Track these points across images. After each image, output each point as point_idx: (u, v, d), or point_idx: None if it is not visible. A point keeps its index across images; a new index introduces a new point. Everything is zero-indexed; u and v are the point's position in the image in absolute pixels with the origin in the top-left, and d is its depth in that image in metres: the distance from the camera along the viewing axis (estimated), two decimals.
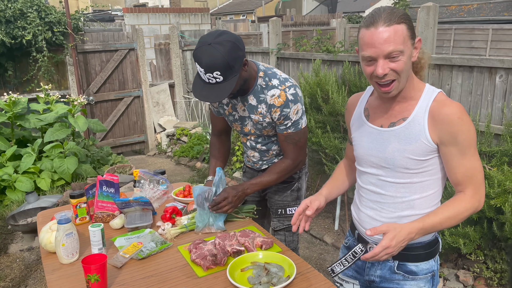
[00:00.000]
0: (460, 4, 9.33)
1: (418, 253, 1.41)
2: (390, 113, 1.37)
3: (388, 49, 1.21)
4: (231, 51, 1.65)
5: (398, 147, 1.33)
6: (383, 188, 1.41)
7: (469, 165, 1.29)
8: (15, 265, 3.21)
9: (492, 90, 3.20)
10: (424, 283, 1.43)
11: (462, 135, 1.26)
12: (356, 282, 1.57)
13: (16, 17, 5.19)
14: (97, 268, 1.42)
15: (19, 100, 4.55)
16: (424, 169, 1.34)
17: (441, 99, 1.30)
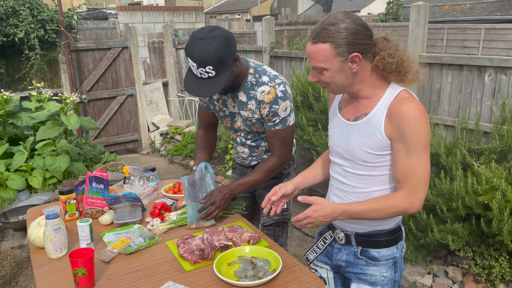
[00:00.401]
0: (453, 4, 9.39)
1: (379, 240, 1.48)
2: (356, 108, 1.44)
3: (312, 64, 1.34)
4: (223, 46, 1.66)
5: (358, 141, 1.40)
6: (346, 178, 1.49)
7: (411, 165, 1.31)
8: (6, 262, 3.21)
9: (481, 88, 3.24)
10: (386, 269, 1.49)
11: (410, 134, 1.29)
12: (328, 267, 1.66)
13: (8, 14, 5.17)
14: (84, 262, 1.43)
15: (11, 98, 4.53)
16: (382, 163, 1.39)
17: (403, 96, 1.34)
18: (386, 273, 1.50)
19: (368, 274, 1.51)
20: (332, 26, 1.28)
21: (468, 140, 3.10)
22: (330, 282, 1.66)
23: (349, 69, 1.32)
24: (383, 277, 1.50)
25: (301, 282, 1.49)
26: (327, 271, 1.66)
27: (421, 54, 3.56)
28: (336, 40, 1.27)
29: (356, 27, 1.28)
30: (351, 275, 1.56)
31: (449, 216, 2.90)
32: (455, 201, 2.82)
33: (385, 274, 1.50)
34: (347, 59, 1.30)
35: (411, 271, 3.17)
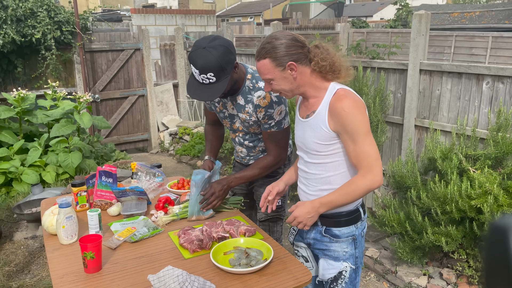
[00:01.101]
0: (462, 11, 9.43)
1: (339, 220, 1.71)
2: (307, 107, 1.69)
3: (262, 77, 1.63)
4: (223, 54, 1.81)
5: (310, 134, 1.65)
6: (307, 168, 1.72)
7: (359, 150, 1.55)
8: (20, 251, 3.38)
9: (479, 96, 3.33)
10: (346, 245, 1.72)
11: (349, 125, 1.53)
12: (305, 246, 1.86)
13: (27, 16, 5.39)
14: (93, 247, 1.58)
15: (27, 96, 4.73)
16: (331, 152, 1.63)
17: (339, 94, 1.57)
18: (346, 248, 1.72)
19: (331, 250, 1.73)
20: (268, 44, 1.57)
21: (465, 146, 3.19)
22: (311, 259, 1.86)
23: (290, 76, 1.58)
24: (344, 252, 1.72)
25: (290, 271, 1.61)
26: (306, 250, 1.86)
27: (422, 62, 3.66)
28: (272, 55, 1.56)
29: (287, 41, 1.56)
30: (319, 252, 1.77)
31: (443, 219, 2.99)
32: (449, 204, 2.91)
33: (346, 249, 1.72)
34: (285, 68, 1.57)
35: (407, 272, 3.27)
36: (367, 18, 20.24)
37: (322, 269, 1.76)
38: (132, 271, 1.62)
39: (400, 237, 3.38)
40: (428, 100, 3.71)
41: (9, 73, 5.70)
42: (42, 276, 3.07)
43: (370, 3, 28.17)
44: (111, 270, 1.63)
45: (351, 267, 1.73)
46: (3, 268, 3.15)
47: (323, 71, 1.59)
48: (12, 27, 5.24)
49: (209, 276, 1.58)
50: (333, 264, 1.73)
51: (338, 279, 1.73)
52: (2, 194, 4.29)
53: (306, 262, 1.87)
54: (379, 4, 26.67)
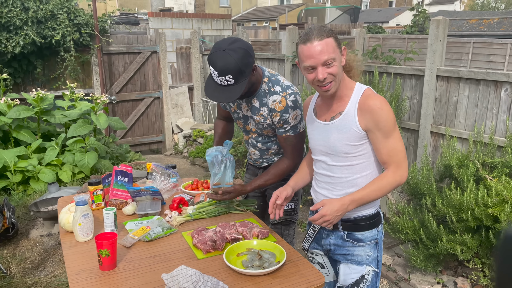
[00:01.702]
0: (480, 18, 9.31)
1: (362, 224, 1.70)
2: (330, 109, 1.68)
3: (324, 58, 1.52)
4: (243, 57, 1.82)
5: (337, 136, 1.63)
6: (331, 171, 1.70)
7: (390, 147, 1.58)
8: (35, 248, 3.44)
9: (497, 103, 3.28)
10: (369, 249, 1.72)
11: (383, 121, 1.55)
12: (322, 252, 1.85)
13: (47, 18, 5.50)
14: (108, 244, 1.60)
15: (46, 97, 4.82)
16: (360, 152, 1.63)
17: (368, 93, 1.60)
18: (370, 252, 1.72)
19: (354, 254, 1.72)
20: (324, 27, 1.56)
21: (482, 153, 3.14)
22: (327, 265, 1.86)
23: (340, 61, 1.58)
24: (367, 256, 1.71)
25: (302, 274, 1.61)
26: (322, 257, 1.86)
27: (439, 68, 3.62)
28: (334, 35, 1.56)
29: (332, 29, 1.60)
30: (340, 257, 1.75)
31: (458, 227, 2.95)
32: (465, 212, 2.87)
33: (369, 253, 1.72)
34: (341, 51, 1.58)
35: (421, 280, 3.23)
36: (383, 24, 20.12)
37: (343, 274, 1.74)
38: (146, 270, 1.64)
39: (414, 244, 3.34)
40: (445, 106, 3.67)
41: (29, 74, 5.82)
42: (56, 274, 3.11)
43: (386, 9, 28.03)
44: (125, 268, 1.65)
45: (373, 271, 1.73)
46: (19, 265, 3.21)
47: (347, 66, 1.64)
48: (32, 28, 5.36)
49: (222, 276, 1.58)
50: (355, 268, 1.72)
51: (360, 283, 1.72)
52: (20, 192, 4.37)
53: (322, 268, 1.86)
54: (395, 10, 26.52)
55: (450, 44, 7.61)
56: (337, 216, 1.59)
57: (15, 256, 3.32)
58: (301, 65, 1.59)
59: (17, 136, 4.62)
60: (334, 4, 27.52)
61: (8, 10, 5.15)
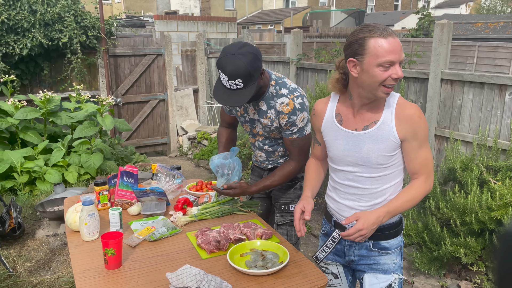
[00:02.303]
0: (486, 22, 9.29)
1: (388, 232, 1.66)
2: (362, 118, 1.59)
3: (403, 56, 1.46)
4: (252, 61, 1.84)
5: (372, 147, 1.56)
6: (360, 182, 1.63)
7: (424, 156, 1.56)
8: (41, 248, 3.48)
9: (501, 106, 3.29)
10: (395, 256, 1.69)
11: (420, 131, 1.53)
12: (338, 264, 1.80)
13: (54, 20, 5.57)
14: (114, 243, 1.62)
15: (52, 98, 4.88)
16: (392, 162, 1.59)
17: (402, 102, 1.56)
18: (395, 259, 1.69)
19: (381, 263, 1.68)
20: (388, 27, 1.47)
21: (487, 157, 3.15)
22: (341, 276, 1.82)
23: None
24: (393, 263, 1.68)
25: (305, 275, 1.63)
26: (337, 267, 1.81)
27: (443, 71, 3.63)
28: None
29: None
30: (365, 267, 1.71)
31: (462, 230, 2.95)
32: (468, 215, 2.88)
33: (395, 260, 1.69)
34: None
35: (424, 283, 3.23)
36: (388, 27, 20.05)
37: (369, 285, 1.69)
38: (151, 269, 1.66)
39: (418, 247, 3.35)
40: (449, 109, 3.67)
41: (36, 76, 5.88)
42: (62, 273, 3.14)
43: (392, 12, 28.01)
44: (130, 267, 1.67)
45: (399, 278, 1.69)
46: (25, 264, 3.24)
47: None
48: (40, 31, 5.42)
49: (225, 276, 1.60)
50: (383, 277, 1.68)
51: None
52: (26, 193, 4.41)
53: (336, 278, 1.82)
54: (400, 13, 26.49)
55: (455, 48, 7.61)
56: (372, 230, 1.53)
57: (21, 255, 3.35)
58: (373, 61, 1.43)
59: (24, 137, 4.67)
60: (339, 7, 27.54)
61: (16, 13, 5.22)
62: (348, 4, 29.96)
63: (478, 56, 7.38)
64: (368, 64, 1.44)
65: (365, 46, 1.44)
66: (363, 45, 1.45)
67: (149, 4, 23.84)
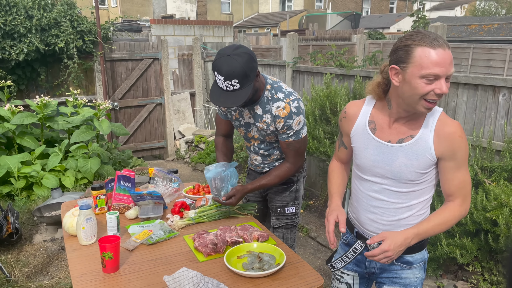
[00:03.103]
0: (480, 24, 9.38)
1: (413, 246, 1.53)
2: (398, 130, 1.50)
3: (452, 70, 1.34)
4: (248, 62, 1.86)
5: (405, 162, 1.47)
6: (386, 195, 1.55)
7: (461, 178, 1.47)
8: (39, 253, 3.48)
9: (495, 108, 3.32)
10: (418, 271, 1.63)
11: (460, 151, 1.44)
12: (356, 274, 1.75)
13: (51, 25, 5.58)
14: (111, 247, 1.63)
15: (49, 103, 4.88)
16: (424, 179, 1.50)
17: (444, 118, 1.46)
18: (418, 274, 1.62)
19: (403, 277, 1.61)
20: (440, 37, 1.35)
21: (481, 157, 3.17)
22: (355, 287, 1.76)
23: None
24: (416, 278, 1.62)
25: (302, 276, 1.64)
26: (353, 277, 1.75)
27: None
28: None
29: None
30: (385, 280, 1.65)
31: (458, 231, 2.97)
32: None
33: (418, 275, 1.62)
34: None
35: None
36: (384, 29, 20.20)
37: None
38: (148, 272, 1.67)
39: None
40: (444, 111, 3.70)
41: (33, 81, 5.89)
42: (59, 278, 3.15)
43: (387, 15, 28.15)
44: (128, 270, 1.69)
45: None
46: (23, 269, 3.24)
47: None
48: (36, 36, 5.43)
49: (222, 278, 1.61)
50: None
51: None
52: (23, 198, 4.41)
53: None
54: (396, 16, 26.63)
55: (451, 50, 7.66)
56: (399, 252, 1.44)
57: (19, 260, 3.35)
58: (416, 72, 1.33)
59: (20, 142, 4.67)
60: (335, 11, 27.67)
61: (12, 18, 5.23)
62: (344, 7, 30.10)
63: (473, 58, 7.44)
64: (411, 74, 1.34)
65: (410, 54, 1.34)
66: (408, 53, 1.34)
67: (146, 8, 23.88)
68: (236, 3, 27.94)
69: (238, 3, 28.04)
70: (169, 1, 22.86)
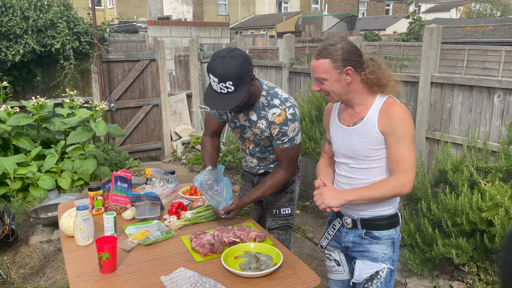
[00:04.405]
0: (475, 26, 9.43)
1: (381, 223, 1.78)
2: (352, 115, 1.77)
3: (315, 76, 1.69)
4: (243, 64, 1.85)
5: (359, 140, 1.73)
6: (352, 173, 1.79)
7: (400, 153, 1.64)
8: (35, 255, 3.46)
9: (490, 109, 3.34)
10: (385, 247, 1.79)
11: (398, 128, 1.63)
12: (338, 250, 1.93)
13: (47, 27, 5.57)
14: (109, 248, 1.64)
15: (45, 104, 4.87)
16: (379, 156, 1.71)
17: (390, 101, 1.70)
18: (386, 250, 1.78)
19: (371, 251, 1.78)
20: (332, 46, 1.65)
21: (477, 158, 3.19)
22: (343, 263, 1.93)
23: (344, 80, 1.67)
24: (383, 253, 1.78)
25: (299, 276, 1.65)
26: (339, 254, 1.92)
27: (433, 74, 3.68)
28: (334, 57, 1.64)
29: (350, 48, 1.66)
30: (357, 254, 1.82)
31: (453, 231, 2.99)
32: (459, 216, 2.91)
33: (385, 251, 1.78)
34: (342, 72, 1.65)
35: (417, 284, 3.26)
36: (379, 31, 20.27)
37: (358, 270, 1.80)
38: (146, 273, 1.67)
39: (410, 248, 3.38)
40: (439, 112, 3.73)
41: (29, 82, 5.87)
42: (56, 279, 3.14)
43: (383, 17, 28.26)
44: (125, 271, 1.69)
45: (388, 268, 1.78)
46: (19, 271, 3.23)
47: (369, 83, 1.70)
48: (32, 37, 5.42)
49: (220, 279, 1.62)
50: (371, 264, 1.78)
51: (374, 279, 1.77)
52: (19, 199, 4.39)
53: (338, 266, 1.93)
54: (392, 17, 26.74)
55: (446, 51, 7.70)
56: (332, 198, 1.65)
57: (15, 262, 3.34)
58: None
59: (16, 143, 4.66)
60: (331, 12, 27.75)
61: (8, 19, 5.21)
62: (340, 9, 30.18)
63: (468, 60, 7.48)
64: None
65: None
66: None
67: (142, 9, 23.86)
68: (232, 4, 27.96)
69: (234, 5, 28.06)
70: (165, 2, 22.86)
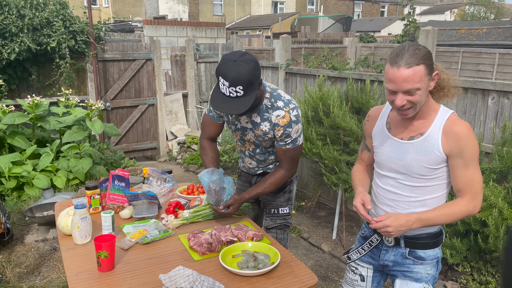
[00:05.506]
0: (470, 28, 9.52)
1: (426, 242, 1.67)
2: (409, 128, 1.64)
3: (407, 87, 1.47)
4: (254, 69, 1.85)
5: (415, 157, 1.60)
6: (400, 190, 1.68)
7: (470, 176, 1.55)
8: (30, 254, 3.45)
9: (484, 111, 3.38)
10: (430, 267, 1.70)
11: (467, 150, 1.53)
12: (370, 266, 1.84)
13: (43, 25, 5.55)
14: (107, 246, 1.64)
15: (41, 103, 4.84)
16: (436, 175, 1.60)
17: (453, 118, 1.57)
18: (430, 270, 1.70)
19: (414, 271, 1.70)
20: (418, 51, 1.47)
21: None
22: (368, 280, 1.85)
23: (426, 89, 1.52)
24: (427, 274, 1.70)
25: (296, 275, 1.67)
26: (367, 270, 1.84)
27: None
28: (427, 61, 1.48)
29: (428, 51, 1.51)
30: (397, 273, 1.74)
31: (448, 231, 3.02)
32: None
33: (429, 271, 1.70)
34: (431, 77, 1.52)
35: None
36: (375, 33, 20.36)
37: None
38: (144, 271, 1.68)
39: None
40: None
41: (24, 80, 5.84)
42: (51, 278, 3.13)
43: (378, 19, 28.38)
44: (123, 269, 1.69)
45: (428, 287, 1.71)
46: (14, 270, 3.22)
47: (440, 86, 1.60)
48: (28, 35, 5.39)
49: (218, 277, 1.63)
50: (413, 285, 1.69)
51: None
52: (14, 198, 4.37)
53: (362, 281, 1.85)
54: (387, 19, 26.86)
55: (440, 53, 7.76)
56: (399, 231, 1.55)
57: (10, 261, 3.33)
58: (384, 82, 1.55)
59: (11, 142, 4.63)
60: (326, 14, 27.83)
61: (4, 17, 5.19)
62: (336, 10, 30.29)
63: (463, 62, 7.55)
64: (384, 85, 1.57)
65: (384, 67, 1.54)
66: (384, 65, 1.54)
67: (137, 9, 23.79)
68: (228, 4, 27.96)
69: (230, 5, 28.06)
70: (161, 2, 22.82)
